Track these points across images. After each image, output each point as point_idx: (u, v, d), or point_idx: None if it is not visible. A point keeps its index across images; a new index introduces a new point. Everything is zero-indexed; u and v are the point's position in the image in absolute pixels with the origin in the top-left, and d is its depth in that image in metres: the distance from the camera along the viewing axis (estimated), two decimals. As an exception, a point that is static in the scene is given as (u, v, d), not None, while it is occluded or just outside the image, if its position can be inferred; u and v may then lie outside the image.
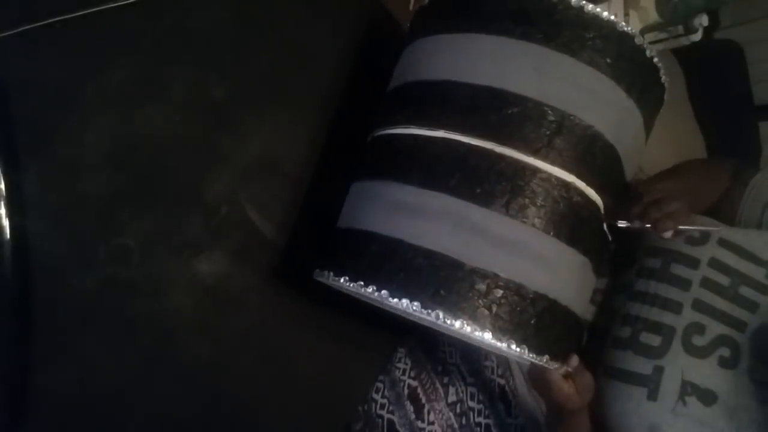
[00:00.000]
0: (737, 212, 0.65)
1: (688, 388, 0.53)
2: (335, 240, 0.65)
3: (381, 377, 0.83)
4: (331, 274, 0.59)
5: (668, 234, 0.56)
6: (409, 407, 0.78)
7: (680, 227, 0.56)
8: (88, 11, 0.62)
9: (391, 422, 0.78)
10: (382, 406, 0.80)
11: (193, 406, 0.68)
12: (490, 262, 0.52)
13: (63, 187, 0.61)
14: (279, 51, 0.77)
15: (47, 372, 0.58)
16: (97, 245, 0.62)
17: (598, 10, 0.55)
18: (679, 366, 0.55)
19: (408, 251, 0.54)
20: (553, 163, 0.54)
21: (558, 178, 0.54)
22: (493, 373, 0.75)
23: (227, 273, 0.70)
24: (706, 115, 1.50)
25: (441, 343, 0.83)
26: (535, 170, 0.53)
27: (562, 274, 0.55)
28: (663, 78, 0.60)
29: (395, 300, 0.52)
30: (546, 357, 0.53)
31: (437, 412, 0.77)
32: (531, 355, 0.52)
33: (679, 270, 0.60)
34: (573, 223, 0.55)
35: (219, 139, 0.71)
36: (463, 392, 0.77)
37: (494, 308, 0.51)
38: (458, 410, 0.76)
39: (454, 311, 0.51)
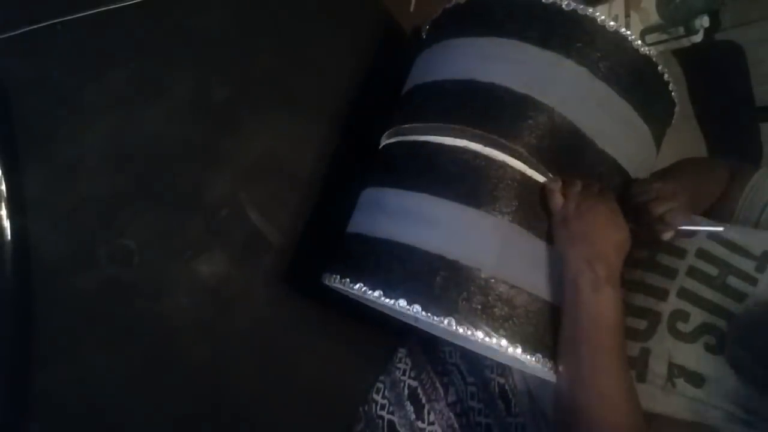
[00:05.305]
0: (735, 211, 0.64)
1: (676, 371, 0.53)
2: (346, 246, 0.65)
3: (381, 378, 0.83)
4: (347, 280, 0.59)
5: (668, 235, 0.55)
6: (410, 407, 0.78)
7: (681, 227, 0.55)
8: (89, 12, 0.62)
9: (391, 423, 0.78)
10: (383, 407, 0.80)
11: (193, 406, 0.68)
12: (501, 269, 0.52)
13: (63, 188, 0.61)
14: (280, 52, 0.78)
15: (47, 372, 0.58)
16: (98, 246, 0.62)
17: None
18: (665, 348, 0.54)
19: (422, 258, 0.54)
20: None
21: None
22: (492, 372, 0.75)
23: (228, 274, 0.70)
24: (706, 116, 1.50)
25: (441, 343, 0.83)
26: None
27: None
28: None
29: (409, 307, 0.52)
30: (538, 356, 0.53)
31: (437, 412, 0.76)
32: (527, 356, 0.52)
33: (666, 260, 0.60)
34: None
35: (220, 141, 0.71)
36: (463, 392, 0.77)
37: (513, 318, 0.52)
38: (458, 410, 0.76)
39: (468, 320, 0.51)
